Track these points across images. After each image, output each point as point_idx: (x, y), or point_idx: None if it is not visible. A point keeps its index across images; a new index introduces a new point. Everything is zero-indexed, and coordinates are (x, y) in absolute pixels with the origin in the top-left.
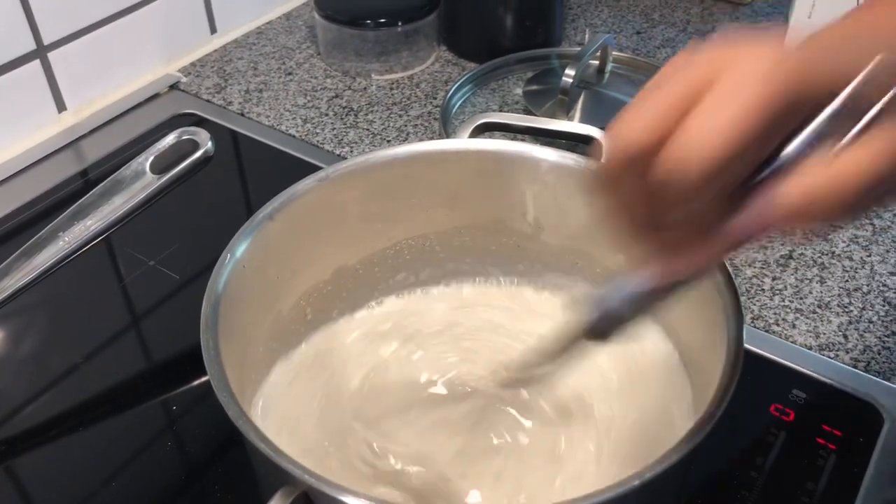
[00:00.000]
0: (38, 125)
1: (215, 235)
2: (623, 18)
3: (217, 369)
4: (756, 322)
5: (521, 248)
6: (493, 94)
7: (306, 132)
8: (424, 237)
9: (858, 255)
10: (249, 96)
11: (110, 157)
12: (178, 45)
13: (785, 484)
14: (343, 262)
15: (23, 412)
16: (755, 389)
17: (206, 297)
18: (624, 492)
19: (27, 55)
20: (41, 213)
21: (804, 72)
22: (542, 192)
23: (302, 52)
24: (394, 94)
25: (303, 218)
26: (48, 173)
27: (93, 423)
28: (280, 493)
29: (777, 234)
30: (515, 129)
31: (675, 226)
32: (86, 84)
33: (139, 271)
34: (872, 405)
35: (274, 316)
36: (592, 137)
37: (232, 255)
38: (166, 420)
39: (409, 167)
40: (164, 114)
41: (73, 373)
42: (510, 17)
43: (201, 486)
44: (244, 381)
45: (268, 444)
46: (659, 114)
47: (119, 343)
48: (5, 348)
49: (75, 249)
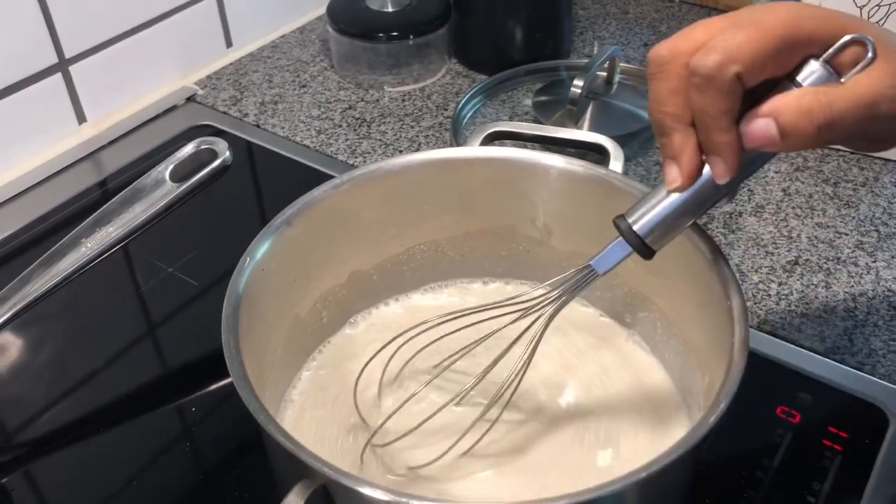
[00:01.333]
0: (58, 137)
1: (231, 243)
2: (631, 31)
3: (238, 367)
4: (763, 326)
5: (530, 253)
6: (503, 106)
7: (320, 143)
8: (436, 242)
9: (864, 261)
10: (265, 108)
11: (128, 168)
12: (194, 59)
13: (791, 485)
14: (358, 266)
15: (44, 416)
16: (762, 392)
17: (227, 298)
18: (629, 484)
19: (49, 68)
20: (60, 223)
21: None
22: (552, 198)
23: (316, 65)
24: (406, 106)
25: (319, 223)
26: (68, 184)
27: (112, 427)
28: (299, 486)
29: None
30: (525, 137)
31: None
32: (105, 96)
33: (158, 278)
34: (878, 407)
35: (291, 319)
36: (601, 146)
37: (252, 257)
38: (185, 423)
39: (422, 174)
40: (180, 125)
41: (94, 377)
42: (520, 30)
43: (219, 488)
44: (262, 381)
45: (287, 438)
46: (695, 36)
47: (138, 348)
48: (27, 354)
49: (97, 255)
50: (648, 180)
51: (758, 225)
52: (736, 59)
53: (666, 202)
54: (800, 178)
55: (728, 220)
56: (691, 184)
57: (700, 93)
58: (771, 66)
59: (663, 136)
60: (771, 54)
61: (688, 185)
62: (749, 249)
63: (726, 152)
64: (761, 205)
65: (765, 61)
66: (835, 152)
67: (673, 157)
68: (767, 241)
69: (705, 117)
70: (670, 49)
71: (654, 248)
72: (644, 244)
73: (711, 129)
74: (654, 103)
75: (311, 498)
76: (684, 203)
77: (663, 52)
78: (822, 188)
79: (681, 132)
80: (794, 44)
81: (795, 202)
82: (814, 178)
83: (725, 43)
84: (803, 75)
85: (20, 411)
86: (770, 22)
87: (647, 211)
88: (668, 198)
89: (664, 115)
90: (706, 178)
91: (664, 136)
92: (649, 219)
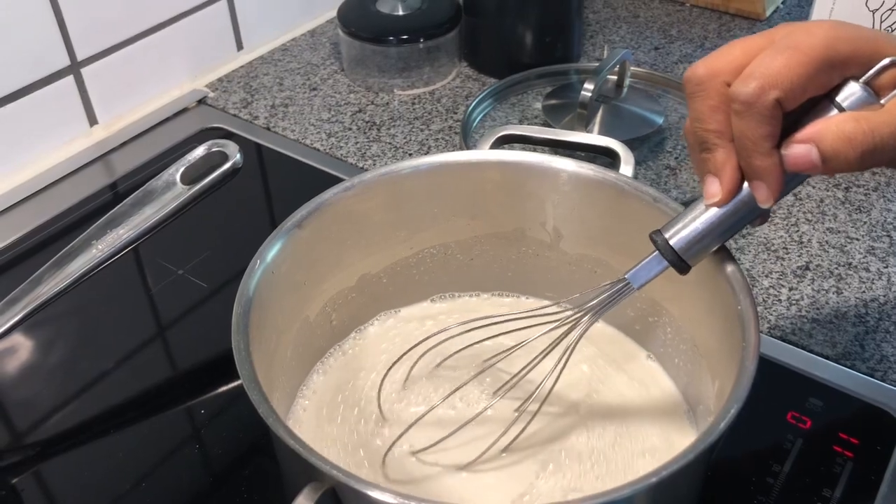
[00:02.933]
0: (70, 138)
1: (241, 246)
2: (641, 34)
3: (248, 369)
4: (773, 331)
5: (540, 256)
6: (513, 109)
7: (330, 146)
8: (446, 246)
9: (875, 267)
10: (275, 111)
11: (139, 171)
12: (205, 62)
13: (802, 491)
14: (367, 269)
15: (54, 417)
16: (772, 397)
17: (238, 300)
18: (639, 489)
19: (62, 71)
20: (71, 225)
21: (833, 49)
22: (562, 201)
23: (326, 68)
24: (415, 109)
25: (329, 226)
26: (79, 186)
27: (122, 428)
28: (308, 489)
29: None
30: (535, 141)
31: (739, 138)
32: (116, 99)
33: (168, 280)
34: (889, 413)
35: (301, 321)
36: (611, 149)
37: (262, 260)
38: (194, 425)
39: (432, 177)
40: (191, 128)
41: (104, 379)
42: (530, 33)
43: (228, 490)
44: (272, 383)
45: (297, 441)
46: (734, 56)
47: (148, 350)
48: (38, 355)
49: (108, 257)
50: (659, 184)
51: (769, 230)
52: (775, 85)
53: (703, 217)
54: (811, 182)
55: None
56: (731, 199)
57: (740, 118)
58: (811, 89)
59: (705, 152)
60: (810, 78)
61: (727, 201)
62: (760, 254)
63: (769, 177)
64: (772, 209)
65: (805, 86)
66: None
67: (714, 173)
68: (778, 245)
69: (746, 142)
70: (708, 68)
71: (690, 263)
72: (680, 259)
73: (753, 154)
74: (696, 121)
75: (321, 501)
76: (721, 219)
77: (700, 72)
78: (833, 193)
79: (724, 148)
80: (833, 66)
81: (806, 207)
82: (825, 182)
83: (764, 69)
84: (843, 96)
85: (31, 412)
86: (808, 44)
87: (685, 226)
88: (705, 213)
89: (707, 132)
90: (744, 196)
91: (706, 152)
92: (686, 234)
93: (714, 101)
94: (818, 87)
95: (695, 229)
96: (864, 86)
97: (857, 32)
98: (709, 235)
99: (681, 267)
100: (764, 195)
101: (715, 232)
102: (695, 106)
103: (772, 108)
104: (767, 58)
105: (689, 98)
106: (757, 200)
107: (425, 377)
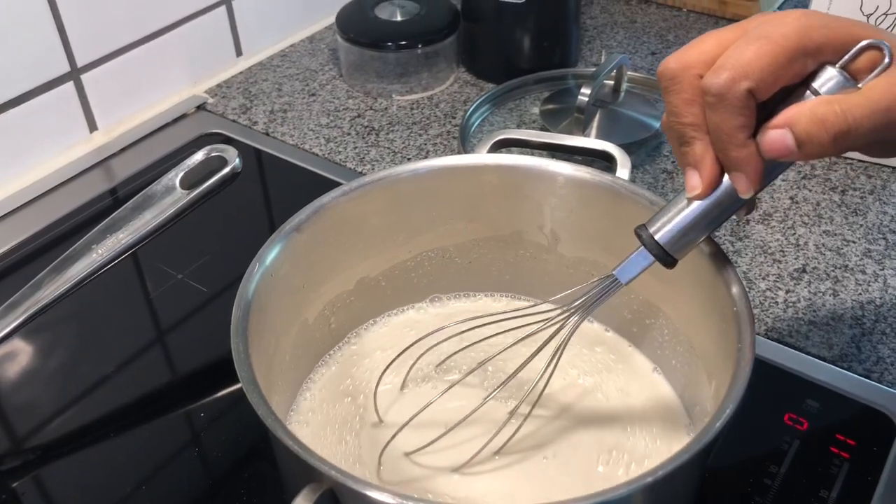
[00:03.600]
0: (70, 144)
1: (240, 250)
2: (638, 40)
3: (247, 371)
4: (770, 333)
5: (537, 259)
6: (511, 114)
7: (329, 151)
8: (444, 249)
9: (871, 269)
10: (274, 116)
11: (138, 176)
12: (204, 68)
13: (799, 492)
14: (366, 272)
15: (54, 421)
16: (769, 399)
17: (237, 303)
18: (635, 489)
19: (62, 77)
20: (71, 230)
21: (806, 37)
22: (559, 205)
23: (325, 74)
24: (414, 114)
25: (328, 229)
26: (79, 191)
27: (122, 432)
28: (307, 490)
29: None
30: (533, 145)
31: (713, 130)
32: (116, 105)
33: (168, 284)
34: (886, 415)
35: (300, 324)
36: (608, 153)
37: (261, 263)
38: (193, 428)
39: (430, 181)
40: (190, 134)
41: (103, 383)
42: (527, 39)
43: (227, 493)
44: (271, 386)
45: (295, 442)
46: (706, 48)
47: (148, 354)
48: (37, 359)
49: (108, 262)
50: (656, 188)
51: (765, 233)
52: (746, 76)
53: (686, 211)
54: (807, 185)
55: (735, 227)
56: (712, 191)
57: (713, 111)
58: (783, 77)
59: (684, 146)
60: (782, 67)
61: (708, 193)
62: (756, 257)
63: (747, 167)
64: (769, 213)
65: (776, 74)
66: (842, 160)
67: (693, 165)
68: (775, 248)
69: (721, 134)
70: (680, 61)
71: (675, 256)
72: (666, 253)
73: (728, 146)
74: (672, 115)
75: (319, 501)
76: (705, 211)
77: (673, 66)
78: (829, 196)
79: (701, 140)
80: (806, 54)
81: (803, 210)
82: (821, 185)
83: (735, 60)
84: (820, 82)
85: (30, 416)
86: (780, 33)
87: (669, 220)
88: (688, 207)
89: (683, 125)
90: (726, 187)
91: (685, 145)
92: (670, 228)
93: (688, 95)
94: (792, 75)
95: (679, 223)
96: (840, 70)
97: (830, 20)
98: (693, 228)
99: (667, 261)
100: (744, 185)
101: (699, 224)
102: (669, 100)
103: (744, 98)
104: (738, 49)
105: (664, 92)
106: (738, 191)
107: (421, 379)
